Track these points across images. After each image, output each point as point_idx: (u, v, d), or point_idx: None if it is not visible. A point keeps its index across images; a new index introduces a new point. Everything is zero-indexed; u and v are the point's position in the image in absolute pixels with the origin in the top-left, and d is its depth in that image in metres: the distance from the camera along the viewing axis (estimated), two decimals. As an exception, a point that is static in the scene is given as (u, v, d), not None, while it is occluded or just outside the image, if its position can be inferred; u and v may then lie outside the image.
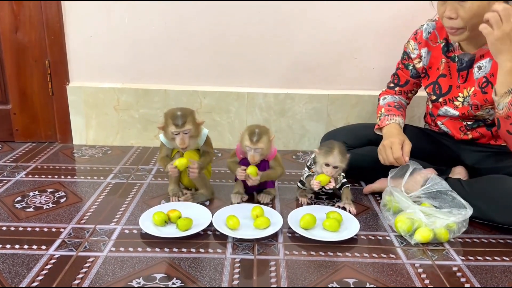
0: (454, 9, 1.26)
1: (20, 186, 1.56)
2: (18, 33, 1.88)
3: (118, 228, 1.29)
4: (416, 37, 1.53)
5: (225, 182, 1.65)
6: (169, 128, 1.37)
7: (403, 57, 1.59)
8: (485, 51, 1.36)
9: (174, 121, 1.36)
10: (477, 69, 1.40)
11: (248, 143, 1.38)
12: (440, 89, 1.50)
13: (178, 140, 1.38)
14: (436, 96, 1.51)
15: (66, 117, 2.01)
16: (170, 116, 1.37)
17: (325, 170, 1.41)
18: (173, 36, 1.91)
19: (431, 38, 1.50)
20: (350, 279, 1.08)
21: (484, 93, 1.39)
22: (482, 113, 1.42)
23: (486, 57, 1.37)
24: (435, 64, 1.50)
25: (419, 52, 1.52)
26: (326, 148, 1.41)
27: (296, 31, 1.90)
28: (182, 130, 1.36)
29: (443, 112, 1.53)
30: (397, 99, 1.65)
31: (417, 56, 1.53)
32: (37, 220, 1.33)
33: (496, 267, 1.15)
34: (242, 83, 1.99)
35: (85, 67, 1.96)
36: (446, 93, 1.49)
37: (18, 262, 1.11)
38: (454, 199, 1.30)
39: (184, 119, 1.36)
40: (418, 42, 1.52)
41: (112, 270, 1.08)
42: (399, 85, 1.63)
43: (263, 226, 1.28)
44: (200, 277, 1.07)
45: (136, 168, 1.77)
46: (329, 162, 1.39)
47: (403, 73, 1.60)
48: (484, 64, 1.38)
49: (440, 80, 1.49)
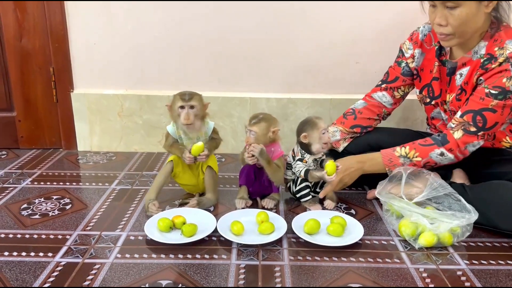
0: (444, 16, 1.29)
1: (25, 193, 1.57)
2: (22, 40, 1.90)
3: (124, 234, 1.30)
4: (412, 38, 1.55)
5: (229, 187, 1.66)
6: (176, 103, 1.41)
7: (398, 55, 1.61)
8: (467, 59, 1.39)
9: (182, 95, 1.42)
10: (459, 76, 1.42)
11: (246, 123, 1.45)
12: (433, 92, 1.52)
13: (183, 115, 1.41)
14: (429, 99, 1.54)
15: (71, 124, 2.02)
16: (178, 93, 1.44)
17: (325, 137, 1.44)
18: (175, 42, 1.92)
19: (426, 41, 1.52)
20: (355, 284, 1.08)
21: (458, 100, 1.42)
22: None
23: (467, 65, 1.39)
24: (428, 67, 1.52)
25: (413, 52, 1.54)
26: (307, 124, 1.46)
27: (298, 35, 1.91)
28: (189, 104, 1.40)
29: (436, 114, 1.56)
30: (364, 104, 1.65)
31: (411, 56, 1.56)
32: (43, 227, 1.34)
33: (501, 271, 1.15)
34: (244, 88, 2.00)
35: (89, 74, 1.97)
36: (437, 96, 1.51)
37: (25, 269, 1.12)
38: (459, 201, 1.31)
39: (191, 95, 1.42)
40: (414, 42, 1.54)
41: (118, 276, 1.09)
42: (386, 81, 1.63)
43: (267, 231, 1.28)
44: (206, 283, 1.07)
45: (140, 174, 1.78)
46: (322, 127, 1.43)
47: (394, 70, 1.61)
48: (465, 72, 1.40)
49: (433, 83, 1.51)
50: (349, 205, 1.53)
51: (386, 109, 1.65)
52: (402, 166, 1.41)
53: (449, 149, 1.37)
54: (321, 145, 1.45)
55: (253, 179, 1.50)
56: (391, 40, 1.90)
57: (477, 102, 1.33)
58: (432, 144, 1.40)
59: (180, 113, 1.41)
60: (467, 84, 1.39)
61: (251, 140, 1.43)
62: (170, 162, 1.48)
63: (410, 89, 1.64)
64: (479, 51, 1.36)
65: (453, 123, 1.38)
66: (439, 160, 1.40)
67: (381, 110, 1.65)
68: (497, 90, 1.30)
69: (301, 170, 1.47)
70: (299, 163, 1.48)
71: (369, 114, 1.65)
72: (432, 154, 1.39)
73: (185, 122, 1.41)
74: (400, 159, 1.43)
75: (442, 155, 1.39)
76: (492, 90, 1.30)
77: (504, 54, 1.29)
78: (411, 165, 1.41)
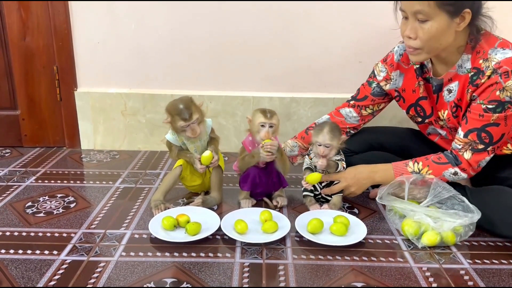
0: (414, 29, 1.26)
1: (30, 192, 1.58)
2: (26, 39, 1.91)
3: (128, 232, 1.31)
4: (386, 60, 1.53)
5: (232, 186, 1.67)
6: (178, 123, 1.39)
7: (370, 75, 1.59)
8: (452, 74, 1.36)
9: (181, 115, 1.38)
10: (447, 92, 1.39)
11: (262, 118, 1.40)
12: (423, 111, 1.49)
13: (189, 132, 1.40)
14: (421, 118, 1.51)
15: (74, 122, 2.03)
16: (175, 112, 1.39)
17: (319, 150, 1.41)
18: (179, 41, 1.93)
19: (403, 60, 1.49)
20: (358, 283, 1.09)
21: (455, 117, 1.39)
22: None
23: (454, 81, 1.36)
24: (409, 86, 1.48)
25: (388, 74, 1.51)
26: (318, 127, 1.43)
27: (301, 35, 1.92)
28: (191, 122, 1.39)
29: (432, 130, 1.54)
30: (328, 119, 1.63)
31: (384, 78, 1.53)
32: (48, 225, 1.35)
33: (503, 270, 1.15)
34: (247, 87, 2.00)
35: (93, 73, 1.98)
36: (430, 115, 1.49)
37: (31, 267, 1.13)
38: (463, 202, 1.31)
39: (190, 110, 1.39)
40: (389, 65, 1.51)
41: (123, 274, 1.10)
42: (356, 99, 1.61)
43: (271, 230, 1.29)
44: (210, 281, 1.08)
45: (144, 172, 1.79)
46: (319, 141, 1.40)
47: (365, 89, 1.59)
48: (454, 87, 1.36)
49: (422, 102, 1.48)
50: (352, 205, 1.53)
51: (351, 125, 1.62)
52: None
53: (462, 169, 1.35)
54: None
55: (259, 182, 1.48)
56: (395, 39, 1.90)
57: (477, 119, 1.30)
58: (447, 163, 1.37)
59: (185, 130, 1.40)
60: (461, 100, 1.35)
61: (271, 134, 1.41)
62: (180, 166, 1.48)
63: (381, 107, 1.61)
64: (463, 65, 1.32)
65: (458, 144, 1.35)
66: (452, 178, 1.38)
67: (345, 126, 1.62)
68: (494, 104, 1.26)
69: (304, 166, 1.51)
70: (306, 157, 1.51)
71: None
72: (445, 173, 1.37)
73: (194, 136, 1.41)
74: (412, 175, 1.40)
75: (455, 174, 1.36)
76: (489, 105, 1.27)
77: (490, 67, 1.25)
78: (422, 182, 1.39)
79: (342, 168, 1.48)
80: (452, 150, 1.38)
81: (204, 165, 1.43)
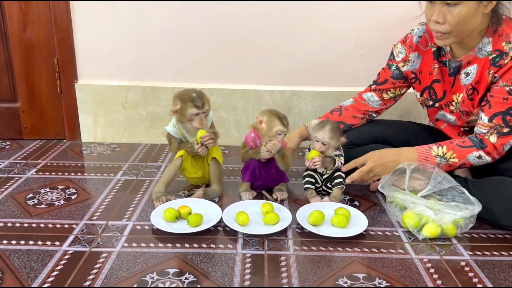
0: (442, 13, 1.26)
1: (31, 183, 1.58)
2: (26, 31, 1.90)
3: (130, 224, 1.31)
4: (405, 41, 1.53)
5: (233, 179, 1.67)
6: (189, 110, 1.39)
7: (389, 58, 1.60)
8: (471, 57, 1.37)
9: (195, 102, 1.39)
10: (464, 75, 1.40)
11: (281, 127, 1.41)
12: (435, 94, 1.50)
13: (197, 121, 1.41)
14: (432, 101, 1.52)
15: (75, 115, 2.02)
16: (188, 99, 1.40)
17: (315, 145, 1.44)
18: (179, 33, 1.92)
19: (422, 42, 1.49)
20: (359, 274, 1.09)
21: (470, 99, 1.40)
22: (475, 118, 1.43)
23: (473, 64, 1.37)
24: (426, 69, 1.50)
25: (407, 55, 1.52)
26: (320, 124, 1.45)
27: (302, 28, 1.91)
28: (203, 110, 1.40)
29: (441, 116, 1.55)
30: (352, 102, 1.65)
31: (402, 60, 1.53)
32: (50, 216, 1.35)
33: (504, 262, 1.16)
34: (248, 80, 2.00)
35: (93, 65, 1.97)
36: (441, 99, 1.49)
37: (33, 257, 1.13)
38: (463, 193, 1.31)
39: (202, 100, 1.41)
40: (408, 46, 1.51)
41: (125, 265, 1.10)
42: (377, 83, 1.62)
43: (272, 222, 1.29)
44: (212, 272, 1.09)
45: (145, 165, 1.79)
46: (318, 137, 1.43)
47: (385, 72, 1.60)
48: (472, 70, 1.38)
49: (435, 85, 1.49)
50: (352, 197, 1.54)
51: (374, 109, 1.64)
52: (438, 166, 1.39)
53: (487, 152, 1.35)
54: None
55: (258, 174, 1.48)
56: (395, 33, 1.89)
57: (501, 103, 1.31)
58: (471, 146, 1.37)
59: (194, 118, 1.41)
60: (479, 83, 1.36)
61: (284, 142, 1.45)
62: (180, 157, 1.49)
63: (402, 91, 1.62)
64: (484, 48, 1.34)
65: (483, 129, 1.35)
66: (476, 162, 1.38)
67: (368, 109, 1.64)
68: None
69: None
70: (307, 151, 1.52)
71: (355, 112, 1.65)
72: (470, 156, 1.37)
73: (201, 127, 1.42)
74: (436, 158, 1.40)
75: (480, 157, 1.37)
76: None
77: None
78: (446, 165, 1.40)
79: (340, 163, 1.48)
80: (477, 135, 1.38)
81: (200, 144, 1.42)
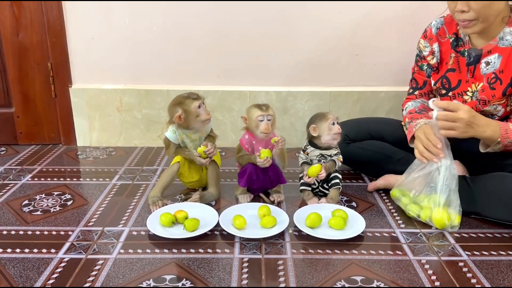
0: (465, 2, 1.29)
1: (26, 190, 1.57)
2: (19, 36, 1.89)
3: (126, 229, 1.30)
4: (426, 35, 1.54)
5: (230, 181, 1.66)
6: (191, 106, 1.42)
7: (416, 60, 1.59)
8: (492, 46, 1.38)
9: (191, 96, 1.43)
10: (484, 65, 1.41)
11: (259, 112, 1.41)
12: (449, 83, 1.50)
13: (204, 115, 1.43)
14: (445, 90, 1.52)
15: (69, 119, 2.01)
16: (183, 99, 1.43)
17: (335, 129, 1.43)
18: (174, 35, 1.91)
19: (440, 34, 1.51)
20: (357, 277, 1.09)
21: (492, 89, 1.40)
22: (490, 108, 1.42)
23: (493, 53, 1.39)
24: (444, 59, 1.52)
25: (431, 48, 1.53)
26: (316, 116, 1.48)
27: (297, 28, 1.91)
28: (201, 100, 1.44)
29: None
30: (418, 103, 1.61)
31: (430, 53, 1.54)
32: (45, 223, 1.34)
33: (502, 262, 1.16)
34: (244, 81, 1.99)
35: (87, 68, 1.96)
36: (455, 87, 1.50)
37: (29, 266, 1.12)
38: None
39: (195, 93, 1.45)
40: (429, 38, 1.53)
41: (122, 272, 1.10)
42: (418, 88, 1.62)
43: (269, 225, 1.29)
44: (210, 277, 1.08)
45: (141, 169, 1.78)
46: (331, 118, 1.45)
47: (420, 75, 1.60)
48: (493, 60, 1.39)
49: (449, 74, 1.50)
50: (350, 198, 1.53)
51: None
52: None
53: None
54: (332, 136, 1.44)
55: (255, 179, 1.47)
56: (390, 32, 1.90)
57: None
58: None
59: (199, 112, 1.43)
60: (503, 72, 1.37)
61: (270, 127, 1.42)
62: (177, 163, 1.48)
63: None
64: (505, 37, 1.36)
65: None
66: None
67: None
68: None
69: (300, 161, 1.51)
70: (301, 153, 1.51)
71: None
72: None
73: (208, 117, 1.44)
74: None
75: None
76: None
77: None
78: None
79: (339, 162, 1.48)
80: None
81: (204, 158, 1.44)
